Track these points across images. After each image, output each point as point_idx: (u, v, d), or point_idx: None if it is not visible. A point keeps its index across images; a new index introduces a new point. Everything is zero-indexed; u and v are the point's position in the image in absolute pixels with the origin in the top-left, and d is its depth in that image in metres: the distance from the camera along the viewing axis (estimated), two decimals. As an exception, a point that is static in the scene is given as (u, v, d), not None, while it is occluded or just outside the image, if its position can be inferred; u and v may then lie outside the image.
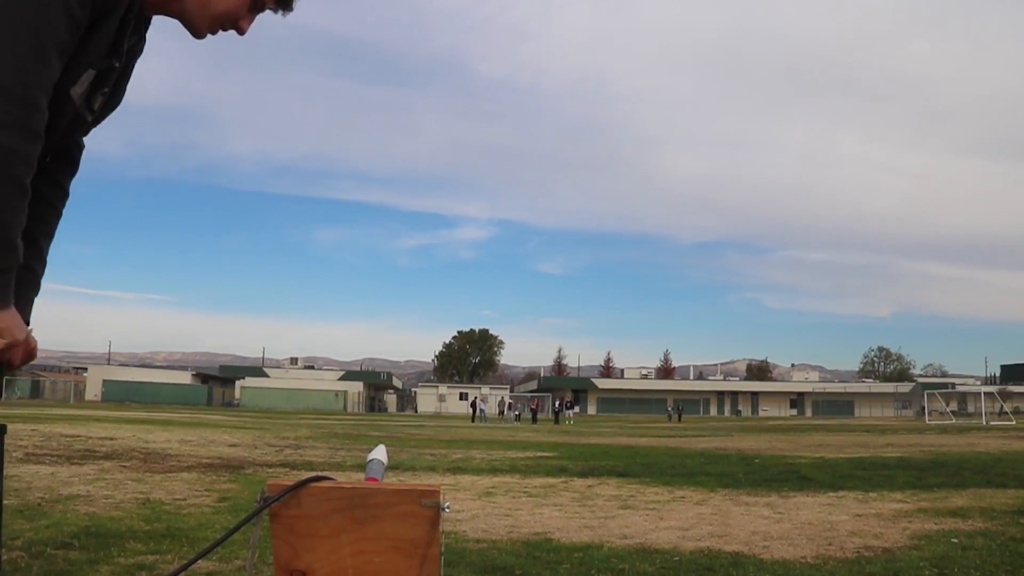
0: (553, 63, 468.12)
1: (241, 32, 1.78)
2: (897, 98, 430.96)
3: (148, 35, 1.79)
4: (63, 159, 1.76)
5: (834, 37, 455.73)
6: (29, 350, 1.59)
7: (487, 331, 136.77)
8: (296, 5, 1.81)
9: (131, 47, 1.72)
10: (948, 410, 58.09)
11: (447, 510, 1.84)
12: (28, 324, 1.63)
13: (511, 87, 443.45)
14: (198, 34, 1.74)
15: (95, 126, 1.77)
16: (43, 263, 1.73)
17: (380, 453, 2.10)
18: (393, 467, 10.59)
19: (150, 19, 1.77)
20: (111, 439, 14.53)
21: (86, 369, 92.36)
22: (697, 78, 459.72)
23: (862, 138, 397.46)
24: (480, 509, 6.85)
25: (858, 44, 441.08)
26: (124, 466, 9.60)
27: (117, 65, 1.68)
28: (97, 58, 1.60)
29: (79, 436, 14.89)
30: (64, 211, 1.81)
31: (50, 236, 1.77)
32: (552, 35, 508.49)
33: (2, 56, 1.40)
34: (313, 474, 1.97)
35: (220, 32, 1.77)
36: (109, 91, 1.71)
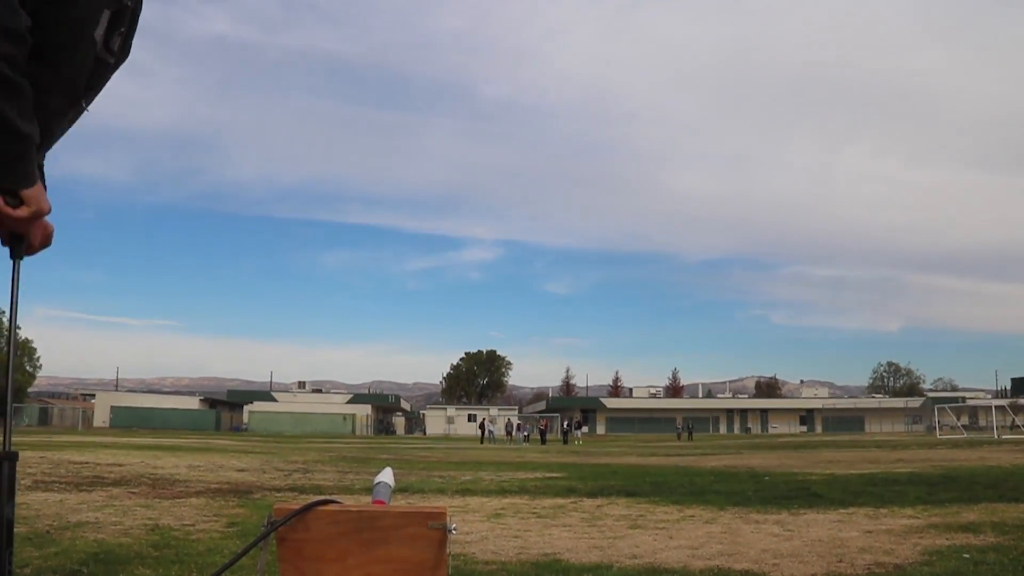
0: (558, 83, 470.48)
1: None
2: (903, 112, 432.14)
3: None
4: (93, 86, 1.79)
5: (840, 52, 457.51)
6: (47, 233, 1.66)
7: (495, 352, 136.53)
8: None
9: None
10: (959, 424, 57.73)
11: (454, 532, 1.85)
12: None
13: (517, 107, 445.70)
14: None
15: (116, 68, 1.81)
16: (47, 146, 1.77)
17: (387, 476, 2.11)
18: (402, 489, 10.57)
19: None
20: (119, 465, 14.53)
21: (94, 396, 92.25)
22: (702, 95, 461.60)
23: (869, 152, 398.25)
24: (489, 531, 6.83)
25: (864, 59, 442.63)
26: (133, 492, 9.60)
27: (129, 4, 1.72)
28: None
29: (87, 463, 14.89)
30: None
31: (49, 146, 1.79)
32: (557, 55, 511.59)
33: None
34: (320, 497, 1.98)
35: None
36: (125, 31, 1.75)
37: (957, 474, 12.75)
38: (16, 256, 1.63)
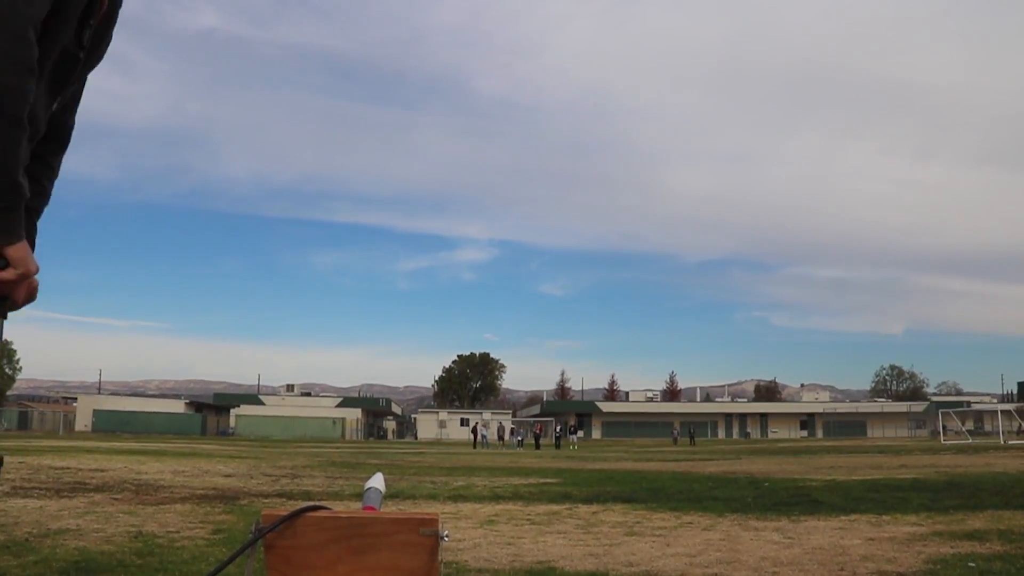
0: (554, 80, 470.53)
1: None
2: (907, 109, 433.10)
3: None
4: (53, 137, 1.77)
5: (842, 49, 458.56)
6: (31, 289, 1.63)
7: (488, 355, 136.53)
8: None
9: None
10: (964, 429, 57.84)
11: (446, 539, 1.84)
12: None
13: (512, 105, 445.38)
14: None
15: (87, 69, 1.78)
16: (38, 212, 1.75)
17: (378, 481, 2.10)
18: (393, 495, 10.56)
19: None
20: (102, 471, 14.49)
21: (76, 399, 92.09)
22: (702, 93, 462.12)
23: (871, 151, 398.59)
24: (482, 537, 6.83)
25: (866, 55, 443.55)
26: (115, 498, 9.57)
27: None
28: None
29: (69, 468, 14.84)
30: (52, 192, 1.82)
31: (36, 214, 1.78)
32: (553, 51, 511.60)
33: None
34: (308, 504, 1.98)
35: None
36: (97, 23, 1.72)
37: (962, 480, 12.78)
38: (0, 315, 1.63)
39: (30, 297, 1.65)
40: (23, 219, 1.53)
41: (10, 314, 1.66)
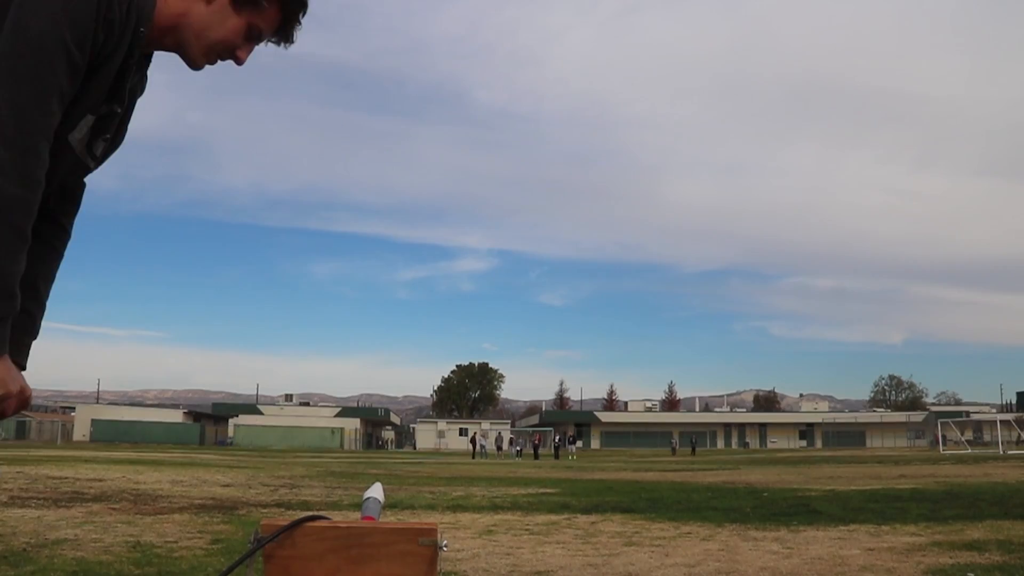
0: (554, 90, 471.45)
1: (239, 62, 1.79)
2: (906, 120, 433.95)
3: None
4: (65, 198, 1.77)
5: (840, 60, 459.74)
6: (24, 399, 1.58)
7: (487, 365, 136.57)
8: (297, 36, 1.83)
9: (132, 87, 1.74)
10: (963, 439, 57.87)
11: (445, 548, 1.84)
12: (24, 369, 1.63)
13: (511, 115, 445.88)
14: (194, 65, 1.76)
15: (96, 168, 1.78)
16: (42, 308, 1.73)
17: (376, 491, 2.11)
18: (391, 505, 10.54)
19: (151, 56, 1.79)
20: (100, 480, 14.46)
21: (74, 408, 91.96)
22: (701, 103, 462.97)
23: (871, 161, 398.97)
24: (481, 548, 6.81)
25: (865, 66, 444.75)
26: (114, 508, 9.55)
27: (119, 110, 1.70)
28: (97, 103, 1.62)
29: (67, 478, 14.81)
30: (65, 252, 1.83)
31: (50, 279, 1.77)
32: (553, 62, 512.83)
33: (4, 105, 1.43)
34: (308, 513, 1.98)
35: (218, 62, 1.80)
36: (111, 136, 1.73)
37: (961, 490, 12.77)
38: None
39: (22, 405, 1.59)
40: (8, 333, 1.48)
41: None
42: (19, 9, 1.46)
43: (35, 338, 1.71)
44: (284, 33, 1.81)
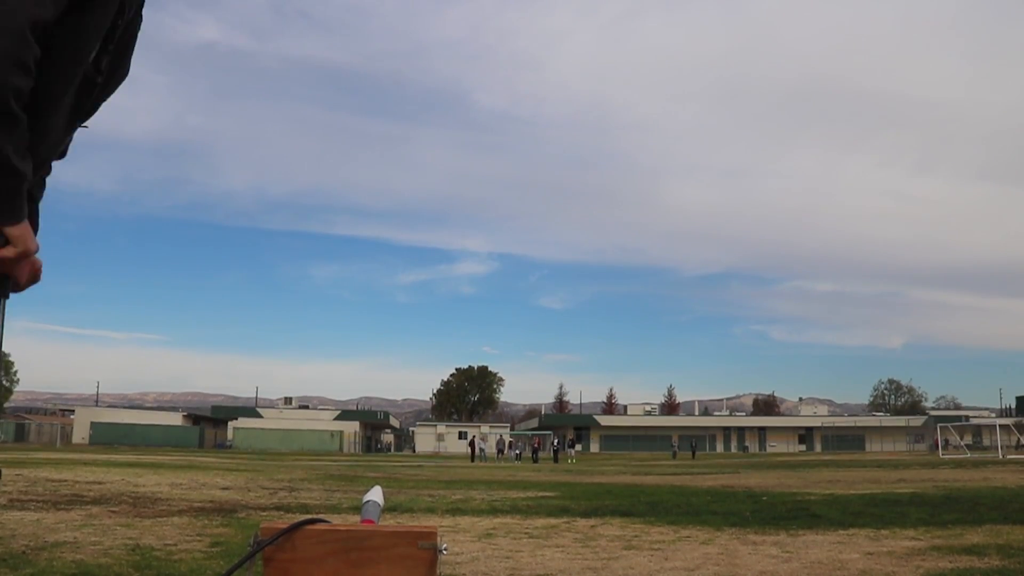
0: (555, 93, 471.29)
1: None
2: (906, 123, 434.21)
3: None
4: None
5: (841, 63, 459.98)
6: (35, 270, 1.64)
7: (486, 368, 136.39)
8: None
9: (131, 18, 1.75)
10: (962, 444, 57.85)
11: (444, 552, 1.84)
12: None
13: (512, 118, 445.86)
14: None
15: (104, 95, 1.79)
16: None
17: (376, 495, 2.10)
18: (391, 508, 10.53)
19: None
20: (99, 483, 14.45)
21: (73, 411, 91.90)
22: (701, 106, 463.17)
23: (871, 165, 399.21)
24: (480, 551, 6.81)
25: (866, 70, 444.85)
26: (113, 511, 9.54)
27: (120, 21, 1.70)
28: (101, 23, 1.63)
29: (66, 481, 14.80)
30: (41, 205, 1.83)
31: (35, 202, 1.78)
32: (554, 65, 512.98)
33: None
34: (307, 517, 1.98)
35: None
36: (115, 49, 1.73)
37: (960, 495, 12.76)
38: (2, 295, 1.62)
39: (33, 278, 1.65)
40: (25, 202, 1.54)
41: (10, 323, 1.66)
42: None
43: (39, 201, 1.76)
44: None
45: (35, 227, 1.73)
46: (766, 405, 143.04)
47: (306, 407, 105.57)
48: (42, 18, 1.50)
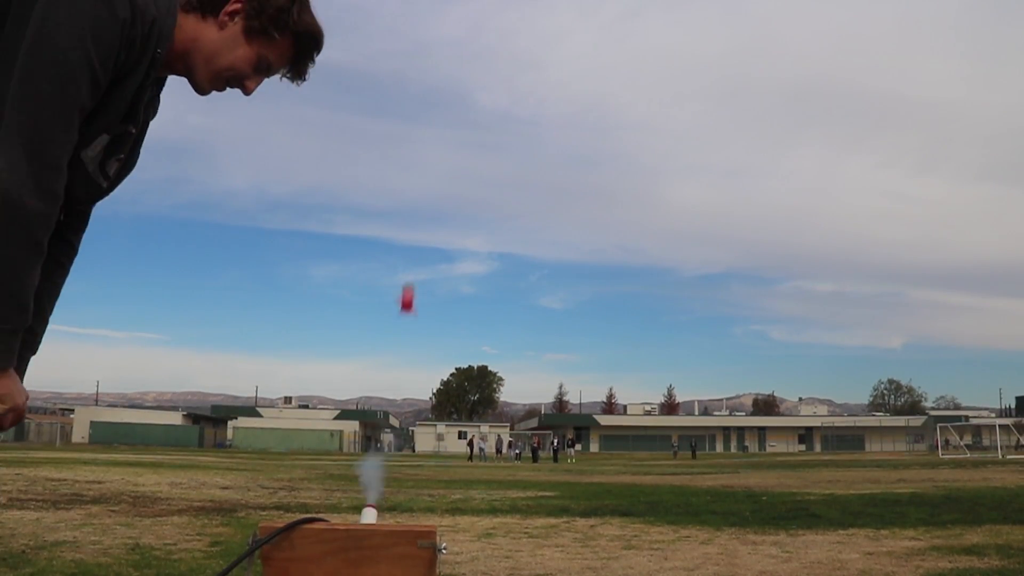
0: (555, 93, 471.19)
1: (246, 92, 1.80)
2: (907, 122, 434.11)
3: None
4: (73, 214, 1.78)
5: (841, 63, 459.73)
6: (20, 413, 1.59)
7: (486, 368, 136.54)
8: (309, 75, 1.84)
9: (146, 110, 1.75)
10: (962, 444, 57.85)
11: (444, 551, 1.84)
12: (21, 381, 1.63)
13: (513, 117, 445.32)
14: (200, 90, 1.76)
15: (110, 192, 1.79)
16: (44, 323, 1.75)
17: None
18: (390, 508, 10.54)
19: (164, 81, 1.81)
20: (99, 482, 14.45)
21: (73, 410, 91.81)
22: (702, 105, 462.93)
23: (872, 164, 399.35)
24: (480, 551, 6.81)
25: (866, 70, 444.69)
26: (112, 510, 9.54)
27: (133, 131, 1.71)
28: (113, 122, 1.63)
29: (65, 480, 14.80)
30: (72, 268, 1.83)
31: (55, 296, 1.78)
32: (555, 64, 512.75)
33: (28, 119, 1.44)
34: (306, 516, 1.97)
35: (226, 89, 1.80)
36: (125, 157, 1.74)
37: (960, 495, 12.76)
38: None
39: (17, 419, 1.60)
40: (18, 346, 1.50)
41: None
42: (43, 22, 1.47)
43: (35, 353, 1.73)
44: (296, 70, 1.82)
45: (34, 351, 1.71)
46: (766, 405, 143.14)
47: (306, 407, 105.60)
48: (75, 142, 1.53)
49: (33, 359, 1.72)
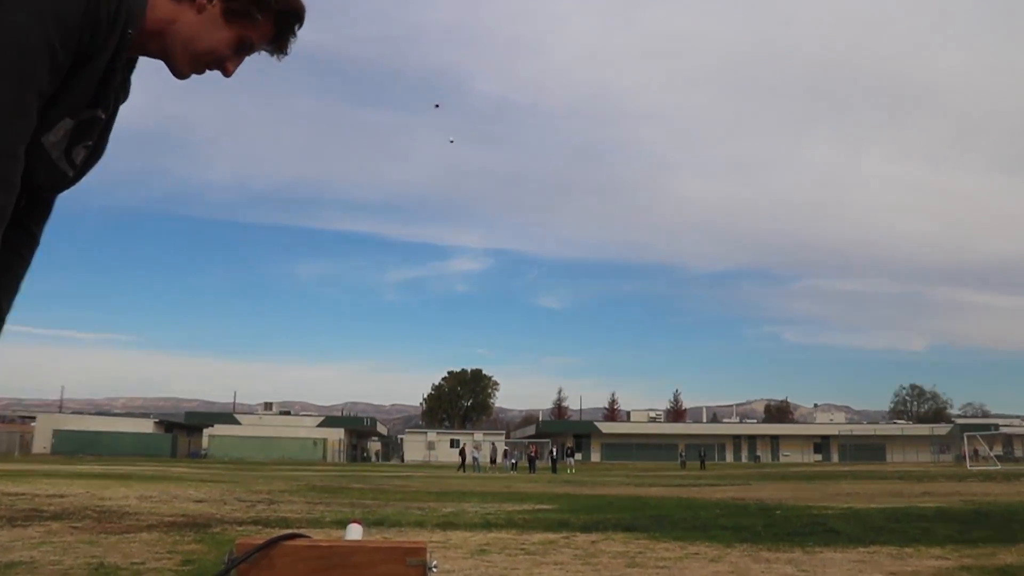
0: (556, 80, 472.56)
1: (227, 74, 1.80)
2: (929, 112, 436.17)
3: None
4: (35, 203, 1.77)
5: (858, 49, 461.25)
6: None
7: (480, 371, 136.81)
8: (291, 49, 1.84)
9: (116, 93, 1.74)
10: (991, 454, 58.03)
11: (435, 569, 1.82)
12: None
13: (510, 106, 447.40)
14: (179, 74, 1.76)
15: (78, 180, 1.77)
16: (2, 321, 1.73)
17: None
18: (377, 522, 10.52)
19: (135, 61, 1.79)
20: (61, 496, 14.42)
21: (34, 418, 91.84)
22: (712, 95, 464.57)
23: (891, 156, 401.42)
24: (473, 568, 6.80)
25: (885, 56, 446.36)
26: (75, 527, 9.51)
27: (102, 116, 1.69)
28: (77, 106, 1.61)
29: (24, 494, 14.77)
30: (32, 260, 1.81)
31: (14, 290, 1.76)
32: (555, 50, 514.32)
33: None
34: (286, 531, 1.95)
35: (206, 72, 1.79)
36: (93, 143, 1.72)
37: (991, 510, 12.78)
38: None
39: None
40: None
41: None
42: (1, 2, 1.45)
43: None
44: (278, 44, 1.83)
45: None
46: (779, 412, 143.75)
47: (287, 413, 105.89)
48: (32, 128, 1.51)
49: None
